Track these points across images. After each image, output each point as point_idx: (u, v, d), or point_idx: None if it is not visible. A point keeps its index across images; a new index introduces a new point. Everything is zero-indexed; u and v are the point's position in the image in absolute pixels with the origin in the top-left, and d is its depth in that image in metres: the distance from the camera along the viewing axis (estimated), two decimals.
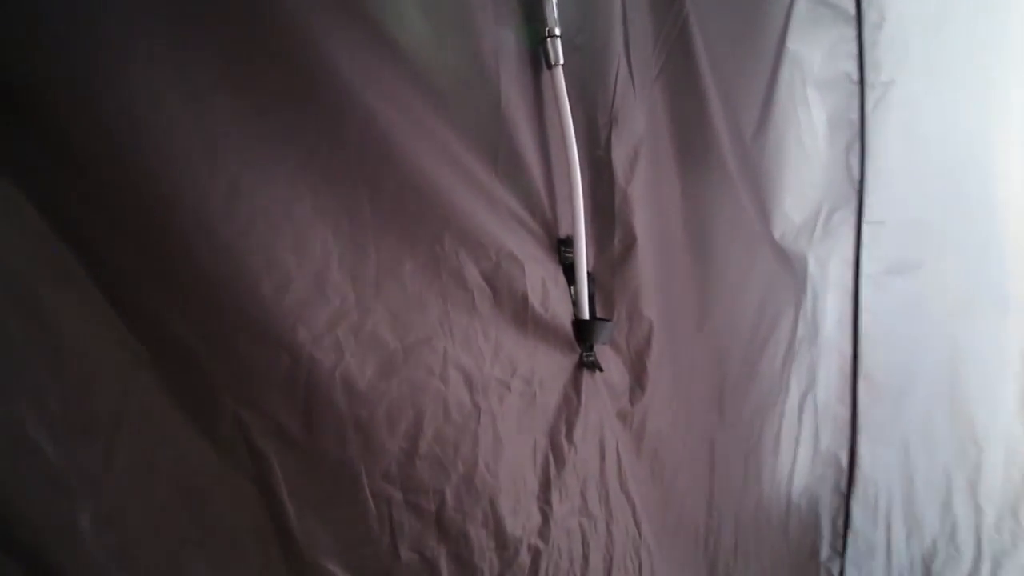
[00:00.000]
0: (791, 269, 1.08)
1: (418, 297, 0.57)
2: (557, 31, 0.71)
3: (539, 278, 0.67)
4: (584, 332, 0.71)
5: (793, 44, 1.04)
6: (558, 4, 0.72)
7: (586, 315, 0.72)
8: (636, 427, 0.83)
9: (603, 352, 0.77)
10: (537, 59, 0.71)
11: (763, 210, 1.03)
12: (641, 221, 0.81)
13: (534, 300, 0.66)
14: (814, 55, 1.07)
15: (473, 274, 0.62)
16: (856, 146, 1.12)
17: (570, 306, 0.72)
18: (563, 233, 0.73)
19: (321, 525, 0.52)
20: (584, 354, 0.72)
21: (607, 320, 0.75)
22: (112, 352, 0.45)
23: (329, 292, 0.51)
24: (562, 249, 0.73)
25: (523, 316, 0.65)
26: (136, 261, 0.44)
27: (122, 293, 0.45)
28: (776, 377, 1.07)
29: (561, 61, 0.71)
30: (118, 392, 0.46)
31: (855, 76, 1.10)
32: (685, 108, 0.89)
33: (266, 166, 0.48)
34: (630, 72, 0.80)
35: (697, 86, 0.89)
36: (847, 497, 1.17)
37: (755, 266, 1.02)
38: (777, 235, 1.06)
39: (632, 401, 0.83)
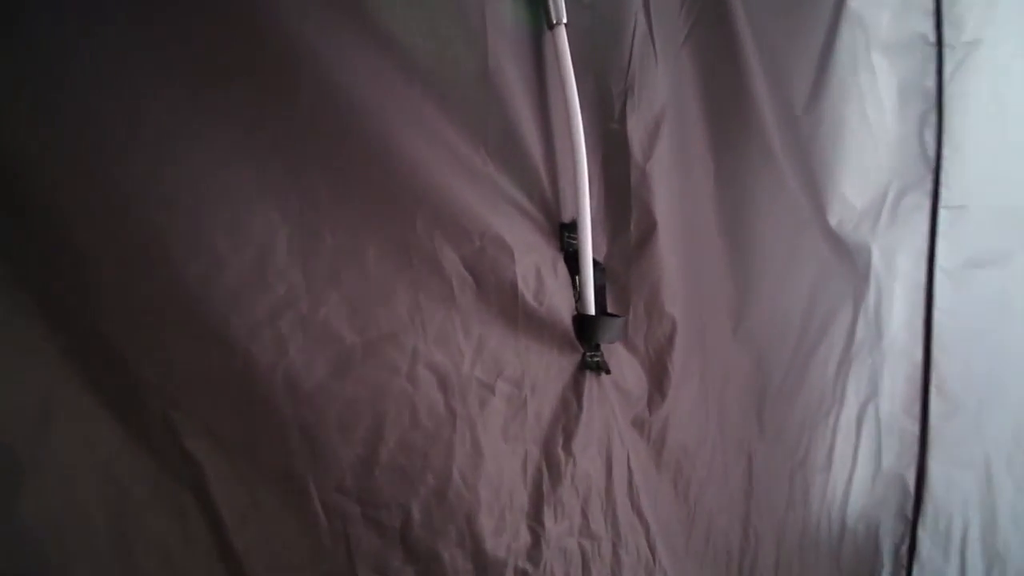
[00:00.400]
0: (850, 261, 0.94)
1: (383, 286, 0.51)
2: None
3: (533, 266, 0.59)
4: (587, 329, 0.62)
5: (855, 1, 0.90)
6: None
7: (591, 310, 0.63)
8: (655, 437, 0.74)
9: (614, 353, 0.68)
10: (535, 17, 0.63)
11: (816, 194, 0.90)
12: (662, 204, 0.71)
13: (525, 291, 0.58)
14: (881, 14, 0.93)
15: (452, 261, 0.54)
16: (932, 118, 0.96)
17: (571, 299, 0.63)
18: (567, 217, 0.65)
19: (265, 539, 0.46)
20: (588, 354, 0.63)
21: (616, 316, 0.66)
22: (36, 346, 0.41)
23: (271, 278, 0.45)
24: (565, 235, 0.64)
25: (512, 310, 0.58)
26: (49, 245, 0.40)
27: (38, 281, 0.40)
28: (829, 385, 0.94)
29: (564, 19, 0.62)
30: (44, 391, 0.41)
31: (931, 37, 0.94)
32: (719, 76, 0.78)
33: (200, 132, 0.43)
34: (650, 33, 0.70)
35: (734, 51, 0.78)
36: (913, 523, 1.02)
37: (804, 258, 0.89)
38: (833, 222, 0.92)
39: (650, 408, 0.73)
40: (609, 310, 0.69)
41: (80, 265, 0.41)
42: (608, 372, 0.64)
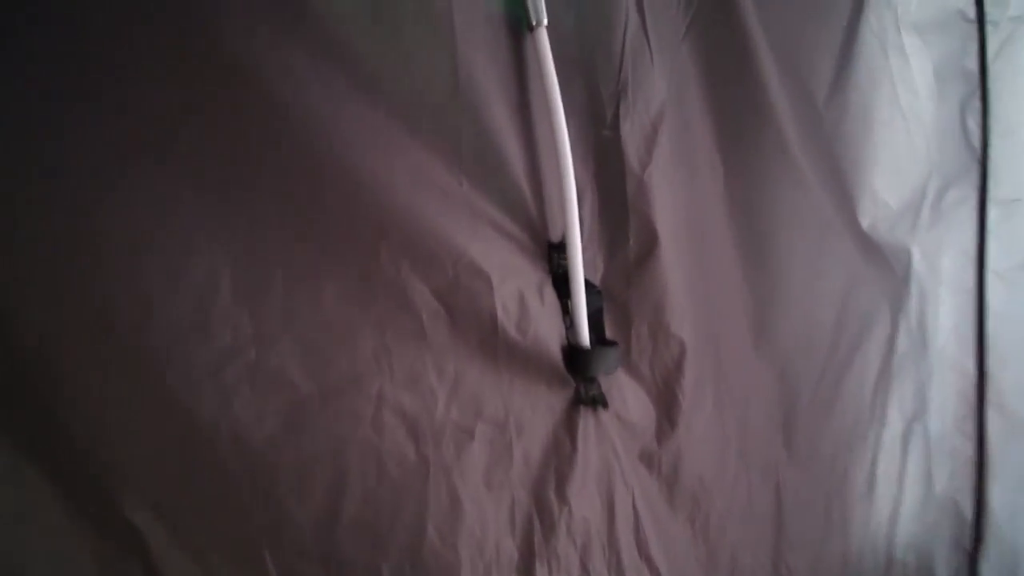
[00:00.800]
0: (886, 266, 0.85)
1: (344, 326, 0.47)
2: None
3: (515, 293, 0.54)
4: (579, 360, 0.56)
5: None
6: None
7: (584, 338, 0.57)
8: (666, 471, 0.67)
9: (615, 381, 0.62)
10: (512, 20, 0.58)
11: (843, 193, 0.81)
12: (664, 215, 0.65)
13: (506, 322, 0.53)
14: None
15: (422, 293, 0.50)
16: (975, 103, 0.86)
17: (562, 326, 0.58)
18: (556, 235, 0.59)
19: None
20: (582, 387, 0.57)
21: (612, 343, 0.60)
22: None
23: (215, 325, 0.42)
24: (555, 256, 0.59)
25: (492, 343, 0.52)
26: None
27: None
28: (866, 402, 0.85)
29: (544, 21, 0.57)
30: None
31: (970, 12, 0.85)
32: (726, 71, 0.71)
33: (133, 163, 0.39)
34: (644, 29, 0.64)
35: (742, 43, 0.71)
36: (973, 555, 0.92)
37: (832, 265, 0.81)
38: (865, 224, 0.83)
39: (659, 440, 0.67)
40: (608, 334, 0.63)
41: None
42: (606, 406, 0.58)
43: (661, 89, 0.66)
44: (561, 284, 0.58)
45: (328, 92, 0.47)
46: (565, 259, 0.58)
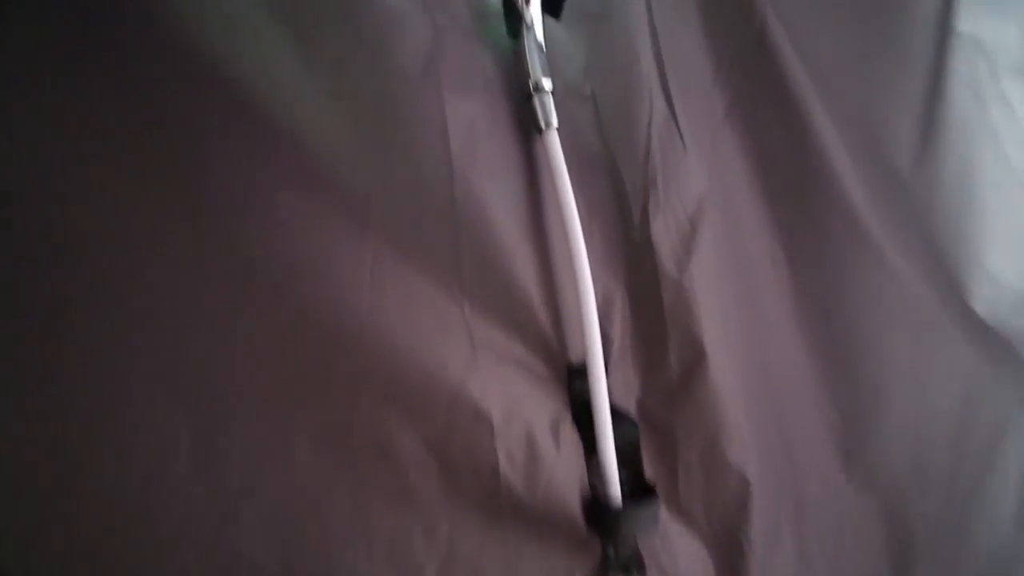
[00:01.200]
0: (1015, 362, 0.68)
1: (316, 490, 0.40)
2: (546, 84, 0.52)
3: (522, 436, 0.46)
4: (606, 519, 0.46)
5: (966, 24, 0.70)
6: (549, 48, 0.54)
7: (613, 487, 0.47)
8: None
9: (660, 531, 0.51)
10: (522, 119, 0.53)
11: (947, 277, 0.67)
12: (712, 323, 0.55)
13: (511, 474, 0.44)
14: (1006, 32, 0.71)
15: (409, 445, 0.43)
16: None
17: (582, 472, 0.48)
18: (578, 357, 0.51)
19: None
20: (612, 550, 0.47)
21: (648, 491, 0.50)
22: None
23: (166, 503, 0.37)
24: (576, 382, 0.51)
25: (494, 501, 0.44)
26: None
27: None
28: (1008, 540, 0.66)
29: (554, 123, 0.52)
30: None
31: None
32: (779, 152, 0.62)
33: (88, 290, 0.37)
34: (672, 115, 0.57)
35: (796, 116, 0.62)
36: None
37: (941, 366, 0.65)
38: (981, 309, 0.68)
39: None
40: (647, 471, 0.52)
41: None
42: (643, 572, 0.47)
43: (699, 179, 0.58)
44: (584, 415, 0.50)
45: (308, 224, 0.43)
46: (588, 385, 0.50)
